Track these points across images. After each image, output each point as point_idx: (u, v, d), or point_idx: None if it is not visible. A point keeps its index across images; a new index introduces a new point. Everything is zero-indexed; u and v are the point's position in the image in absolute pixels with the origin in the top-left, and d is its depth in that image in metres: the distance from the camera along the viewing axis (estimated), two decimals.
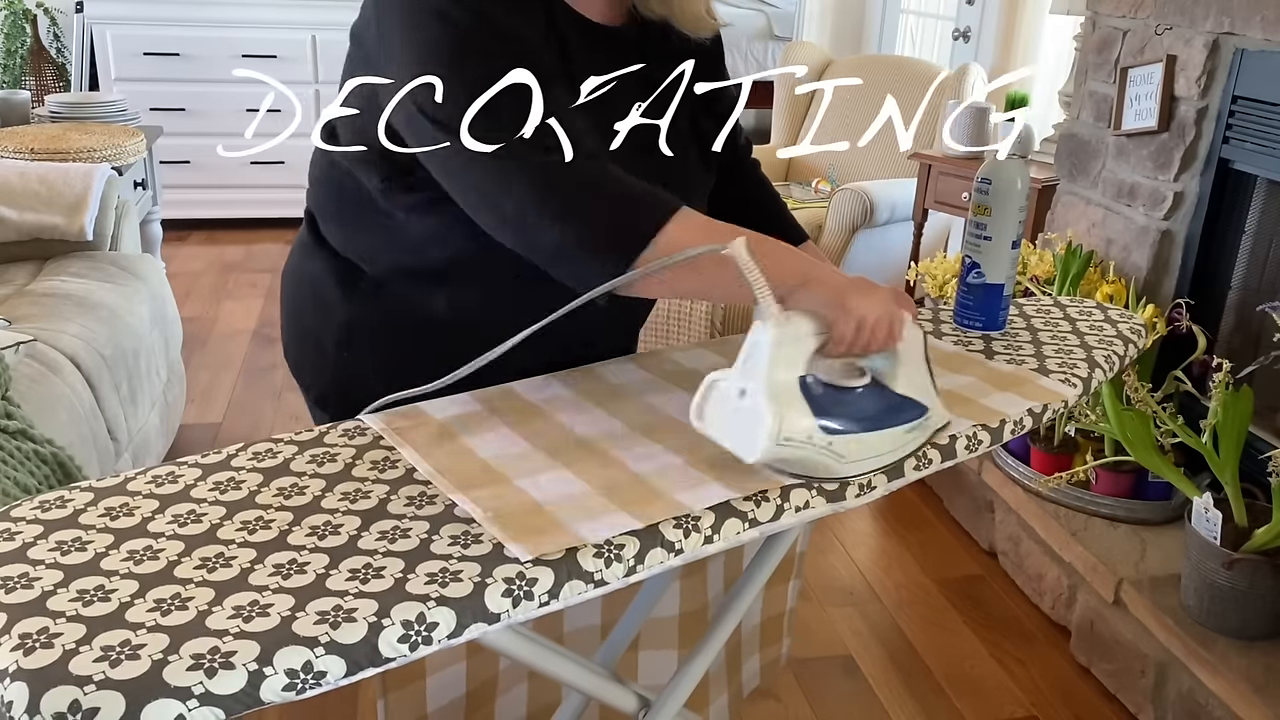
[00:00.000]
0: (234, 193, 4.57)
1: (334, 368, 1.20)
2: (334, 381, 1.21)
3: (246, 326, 3.60)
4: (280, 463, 0.94)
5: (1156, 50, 2.29)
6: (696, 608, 1.45)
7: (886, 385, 0.98)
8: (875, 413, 0.96)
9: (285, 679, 0.69)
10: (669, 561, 0.86)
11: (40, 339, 2.06)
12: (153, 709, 0.65)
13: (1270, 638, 1.80)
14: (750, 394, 0.90)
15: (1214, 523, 1.81)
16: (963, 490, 2.56)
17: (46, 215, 2.55)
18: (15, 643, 0.69)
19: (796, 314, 0.92)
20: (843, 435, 0.93)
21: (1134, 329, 1.40)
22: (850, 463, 0.94)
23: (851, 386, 0.96)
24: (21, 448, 1.66)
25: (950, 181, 3.01)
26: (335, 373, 1.20)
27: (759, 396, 0.89)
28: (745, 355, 0.91)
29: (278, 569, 0.78)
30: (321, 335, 1.21)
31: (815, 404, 0.92)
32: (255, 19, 4.41)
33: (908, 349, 0.98)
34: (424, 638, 0.74)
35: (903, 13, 4.35)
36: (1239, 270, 2.19)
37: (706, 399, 0.93)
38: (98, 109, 3.43)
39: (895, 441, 0.97)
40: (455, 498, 0.89)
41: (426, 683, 1.26)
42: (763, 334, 0.90)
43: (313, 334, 1.22)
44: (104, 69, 4.37)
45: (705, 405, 0.94)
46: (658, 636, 1.45)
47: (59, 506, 0.86)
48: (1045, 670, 2.08)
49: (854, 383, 0.96)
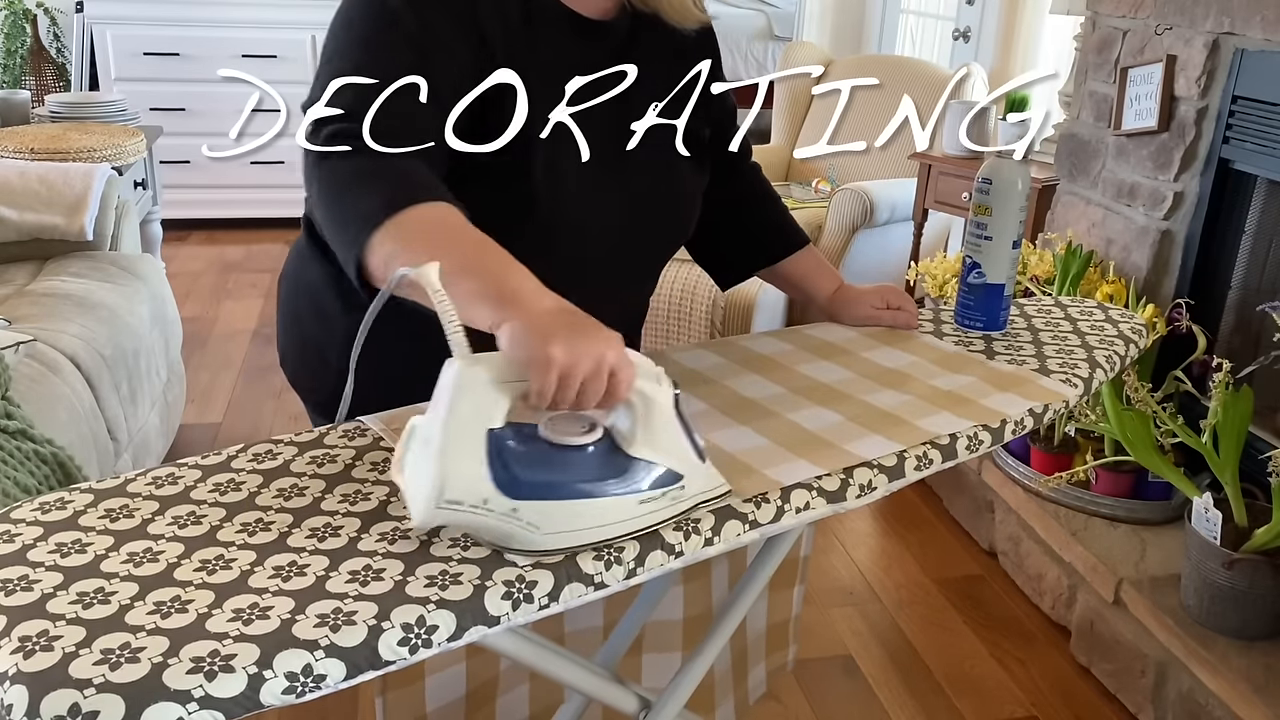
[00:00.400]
0: (234, 193, 4.57)
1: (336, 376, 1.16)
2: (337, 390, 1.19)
3: (246, 326, 3.60)
4: (280, 464, 0.94)
5: (1156, 50, 2.29)
6: (701, 611, 1.45)
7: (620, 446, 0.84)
8: (594, 477, 0.82)
9: (285, 682, 0.69)
10: (669, 564, 0.86)
11: (40, 339, 2.06)
12: (153, 712, 0.65)
13: (1270, 638, 1.80)
14: (432, 444, 0.77)
15: (1214, 523, 1.81)
16: (963, 490, 2.56)
17: (46, 215, 2.55)
18: (15, 645, 0.69)
19: (491, 355, 0.79)
20: (534, 501, 0.79)
21: (1135, 329, 1.40)
22: (549, 534, 0.80)
23: (570, 445, 0.81)
24: (21, 448, 1.66)
25: (950, 181, 3.01)
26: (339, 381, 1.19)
27: (429, 449, 0.77)
28: (434, 399, 0.79)
29: (278, 571, 0.78)
30: (323, 345, 1.20)
31: (507, 462, 0.79)
32: (255, 19, 4.41)
33: (648, 405, 0.83)
34: (424, 641, 0.74)
35: (903, 13, 4.35)
36: (1239, 270, 2.18)
37: (408, 447, 0.79)
38: (98, 109, 3.43)
39: (623, 512, 0.82)
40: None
41: (426, 683, 1.26)
42: (446, 376, 0.78)
43: (313, 343, 1.22)
44: (104, 69, 4.37)
45: (406, 454, 0.79)
46: (662, 640, 1.45)
47: (59, 508, 0.86)
48: (1045, 670, 2.08)
49: (576, 440, 0.82)
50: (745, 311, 3.04)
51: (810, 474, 0.96)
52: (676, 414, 0.86)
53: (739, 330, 3.01)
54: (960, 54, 3.76)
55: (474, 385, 0.78)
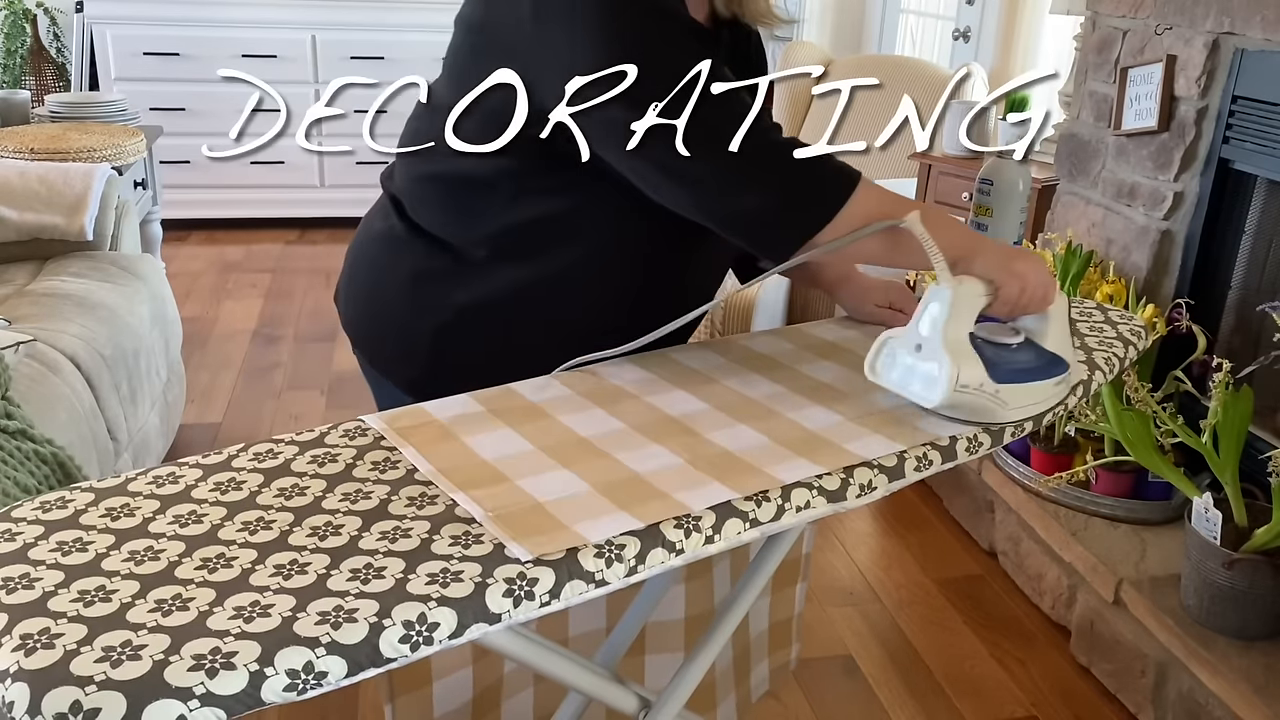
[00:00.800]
0: (234, 193, 4.56)
1: (429, 354, 1.22)
2: (430, 367, 1.23)
3: (246, 326, 3.60)
4: (281, 463, 0.94)
5: (1156, 50, 2.29)
6: (702, 611, 1.45)
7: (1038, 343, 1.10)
8: (1031, 366, 1.07)
9: (286, 679, 0.69)
10: (670, 561, 0.86)
11: (40, 339, 2.06)
12: (154, 709, 0.65)
13: (1270, 638, 1.80)
14: (928, 348, 1.02)
15: (1214, 523, 1.81)
16: (963, 490, 2.56)
17: (46, 215, 2.55)
18: (16, 643, 0.69)
19: (968, 278, 1.04)
20: (1007, 385, 1.04)
21: (1134, 331, 1.40)
22: (1011, 409, 1.05)
23: (1009, 343, 1.08)
24: (21, 448, 1.66)
25: (950, 181, 3.01)
26: (436, 359, 1.22)
27: (938, 350, 1.01)
28: (920, 315, 1.04)
29: (279, 569, 0.78)
30: (417, 325, 1.21)
31: (986, 358, 1.04)
32: (255, 19, 4.40)
33: (1057, 311, 1.11)
34: (425, 638, 0.74)
35: (903, 13, 4.35)
36: (1239, 270, 2.18)
37: (879, 355, 1.07)
38: (98, 109, 3.43)
39: (1045, 393, 1.09)
40: (457, 497, 0.89)
41: (433, 688, 1.26)
42: (940, 296, 1.02)
43: (399, 322, 1.23)
44: (104, 69, 4.37)
45: (877, 361, 1.07)
46: (664, 640, 1.45)
47: (60, 507, 0.86)
48: (1045, 670, 2.08)
49: (1011, 340, 1.08)
50: (745, 311, 3.04)
51: (810, 472, 0.96)
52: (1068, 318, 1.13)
53: (739, 329, 3.01)
54: (960, 54, 3.76)
55: (962, 301, 1.02)
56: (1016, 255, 1.08)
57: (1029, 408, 1.08)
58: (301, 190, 4.61)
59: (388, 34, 4.43)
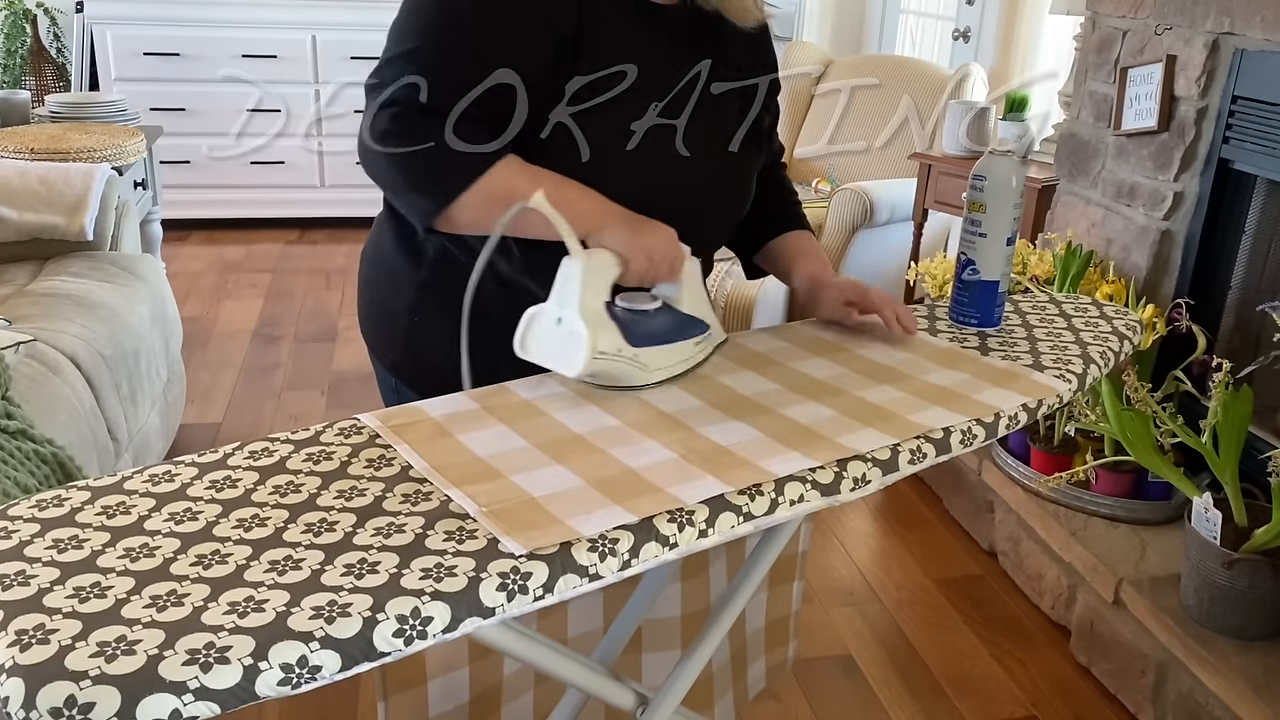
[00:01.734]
0: (234, 193, 4.57)
1: (405, 335, 1.30)
2: (406, 348, 1.31)
3: (246, 326, 3.60)
4: (276, 461, 0.94)
5: (1156, 50, 2.29)
6: (699, 609, 1.45)
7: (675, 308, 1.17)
8: (668, 329, 1.13)
9: (280, 673, 0.69)
10: (663, 555, 0.86)
11: (40, 339, 2.06)
12: (148, 704, 0.65)
13: (1270, 638, 1.80)
14: (566, 320, 1.06)
15: (1214, 523, 1.81)
16: (963, 490, 2.56)
17: (46, 215, 2.55)
18: (11, 639, 0.69)
19: (597, 250, 1.10)
20: (645, 348, 1.09)
21: (1129, 325, 1.40)
22: (652, 371, 1.11)
23: (646, 309, 1.13)
24: (21, 448, 1.67)
25: (950, 181, 3.01)
26: (407, 340, 1.30)
27: (575, 320, 1.05)
28: (558, 288, 1.07)
29: (273, 565, 0.78)
30: (394, 305, 1.30)
31: (619, 324, 1.09)
32: (255, 19, 4.41)
33: (689, 279, 1.18)
34: (419, 632, 0.74)
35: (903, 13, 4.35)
36: (1239, 270, 2.18)
37: (528, 331, 1.09)
38: (98, 109, 3.43)
39: (686, 353, 1.15)
40: (451, 493, 0.89)
41: (428, 687, 1.26)
42: (572, 268, 1.06)
43: (385, 305, 1.32)
44: (104, 69, 4.37)
45: (526, 337, 1.09)
46: (660, 638, 1.45)
47: (56, 505, 0.86)
48: (1045, 670, 2.08)
49: (648, 305, 1.14)
50: (745, 309, 3.04)
51: (803, 465, 0.96)
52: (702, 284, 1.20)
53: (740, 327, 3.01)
54: (960, 54, 3.76)
55: (594, 272, 1.07)
56: (643, 229, 1.13)
57: (671, 368, 1.13)
58: (301, 190, 4.61)
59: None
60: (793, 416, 1.06)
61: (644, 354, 1.09)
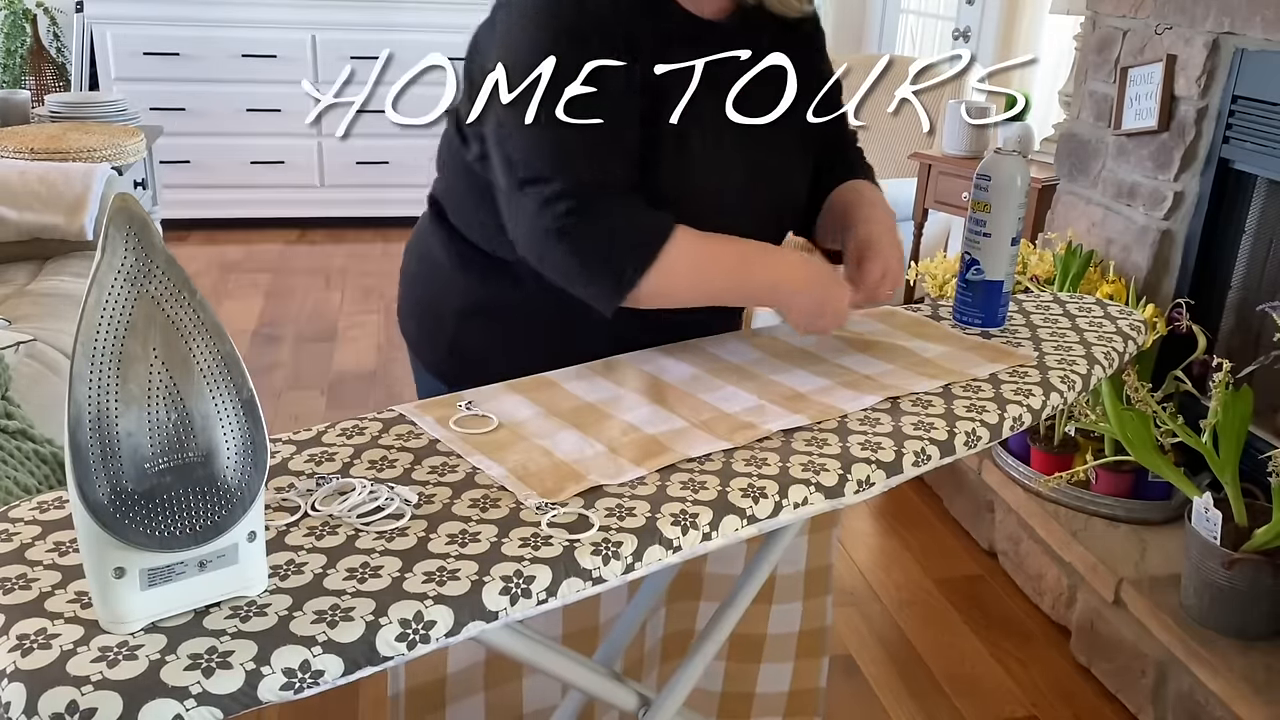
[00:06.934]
0: (234, 193, 4.56)
1: (450, 340, 1.30)
2: (450, 351, 1.31)
3: (246, 326, 3.60)
4: (278, 462, 0.94)
5: (1156, 50, 2.29)
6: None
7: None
8: None
9: (283, 678, 0.69)
10: (666, 559, 0.86)
11: (40, 339, 2.06)
12: (150, 709, 0.65)
13: (1270, 638, 1.80)
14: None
15: (1214, 523, 1.81)
16: (963, 490, 2.56)
17: (46, 215, 2.55)
18: (13, 643, 0.69)
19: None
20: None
21: (1133, 325, 1.39)
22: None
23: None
24: (21, 448, 1.66)
25: (950, 181, 3.01)
26: (452, 343, 1.30)
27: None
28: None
29: (274, 569, 0.78)
30: (441, 311, 1.30)
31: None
32: (255, 19, 4.41)
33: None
34: (422, 636, 0.74)
35: (903, 13, 4.35)
36: (1239, 270, 2.18)
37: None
38: (98, 109, 3.43)
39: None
40: (475, 460, 0.93)
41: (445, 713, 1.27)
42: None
43: (432, 310, 1.32)
44: (104, 69, 4.37)
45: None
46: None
47: (57, 507, 0.86)
48: (1045, 670, 2.08)
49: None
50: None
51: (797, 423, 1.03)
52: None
53: None
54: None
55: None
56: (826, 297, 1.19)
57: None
58: (301, 190, 4.61)
59: (388, 34, 4.42)
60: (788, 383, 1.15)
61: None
